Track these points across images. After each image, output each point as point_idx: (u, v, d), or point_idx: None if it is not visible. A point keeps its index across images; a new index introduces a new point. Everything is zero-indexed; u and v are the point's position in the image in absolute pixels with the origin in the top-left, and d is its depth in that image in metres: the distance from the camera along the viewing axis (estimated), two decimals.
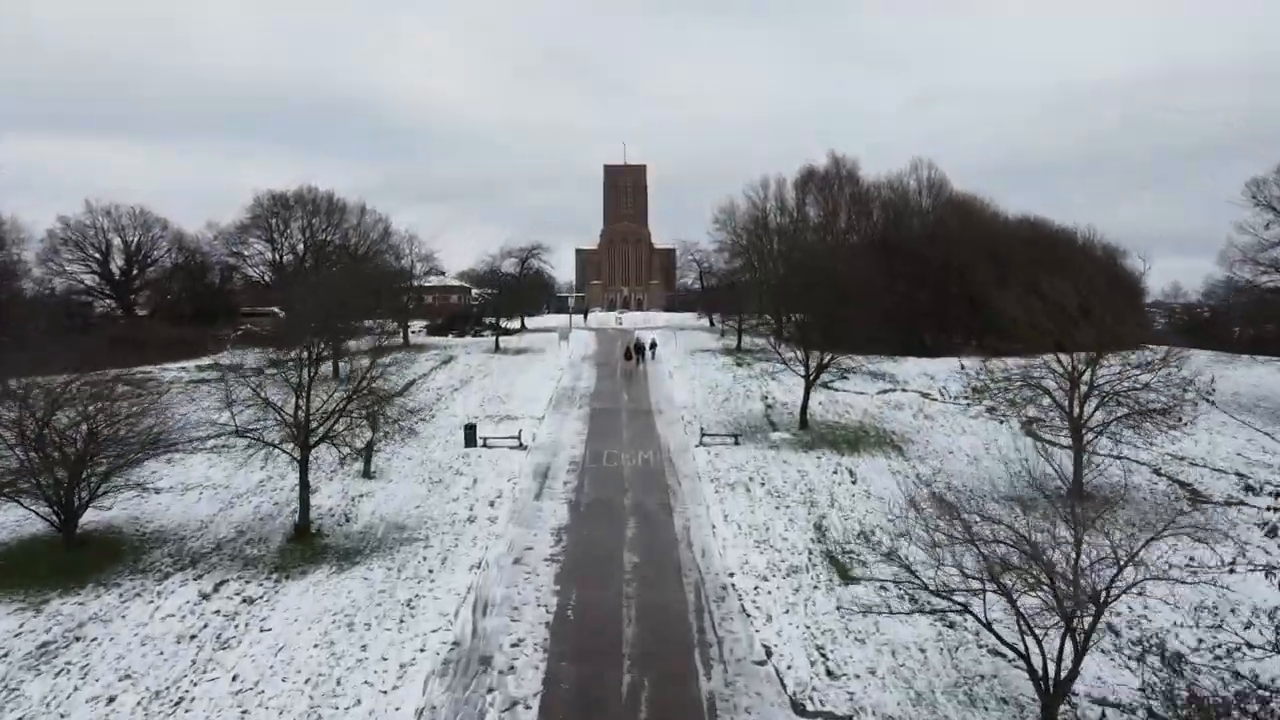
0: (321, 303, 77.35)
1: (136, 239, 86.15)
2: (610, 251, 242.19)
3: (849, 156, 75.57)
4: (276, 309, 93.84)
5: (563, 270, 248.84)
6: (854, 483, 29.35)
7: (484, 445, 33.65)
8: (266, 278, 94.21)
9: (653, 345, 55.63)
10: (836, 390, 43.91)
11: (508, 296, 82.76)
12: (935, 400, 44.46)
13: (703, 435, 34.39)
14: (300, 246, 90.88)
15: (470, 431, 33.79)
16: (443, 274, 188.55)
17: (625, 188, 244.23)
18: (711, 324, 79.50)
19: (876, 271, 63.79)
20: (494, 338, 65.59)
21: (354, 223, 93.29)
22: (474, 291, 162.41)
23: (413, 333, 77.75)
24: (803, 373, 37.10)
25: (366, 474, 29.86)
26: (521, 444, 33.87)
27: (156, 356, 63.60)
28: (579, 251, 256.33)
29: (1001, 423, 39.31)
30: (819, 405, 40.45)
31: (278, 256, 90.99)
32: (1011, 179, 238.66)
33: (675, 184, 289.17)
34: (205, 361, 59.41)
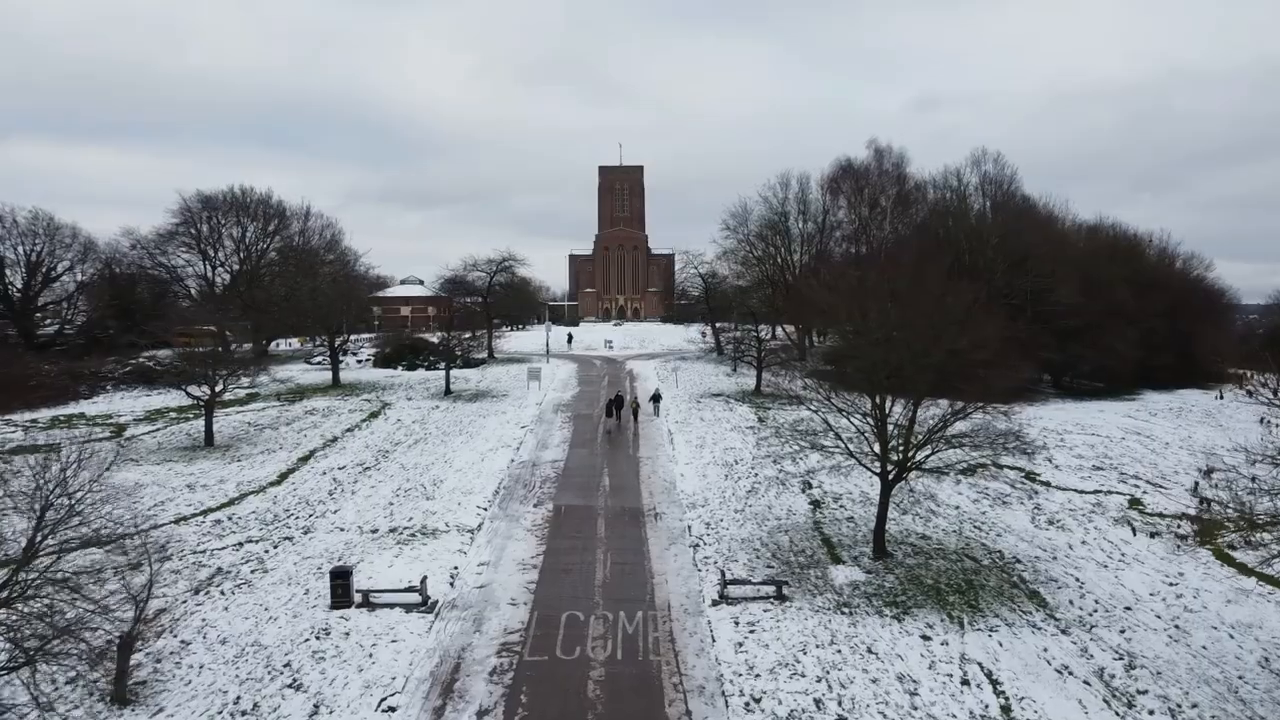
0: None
1: (39, 249, 72.83)
2: (605, 258, 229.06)
3: (894, 148, 62.21)
4: (214, 328, 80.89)
5: (556, 276, 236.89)
6: (1006, 713, 16.01)
7: (364, 604, 20.29)
8: (207, 288, 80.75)
9: (656, 398, 42.05)
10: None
11: (480, 314, 69.52)
12: (1047, 484, 31.21)
13: (725, 582, 21.02)
14: (234, 259, 77.52)
15: (341, 582, 20.40)
16: (421, 283, 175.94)
17: (621, 190, 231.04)
18: (720, 350, 66.22)
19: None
20: (455, 373, 52.02)
21: (297, 228, 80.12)
22: (456, 302, 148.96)
23: (358, 362, 64.41)
24: (877, 469, 23.71)
25: (118, 696, 16.41)
26: (426, 601, 20.51)
27: (20, 399, 50.27)
28: (572, 257, 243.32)
29: (1156, 535, 26.19)
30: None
31: (209, 268, 77.57)
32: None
33: (674, 187, 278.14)
34: (72, 410, 45.97)
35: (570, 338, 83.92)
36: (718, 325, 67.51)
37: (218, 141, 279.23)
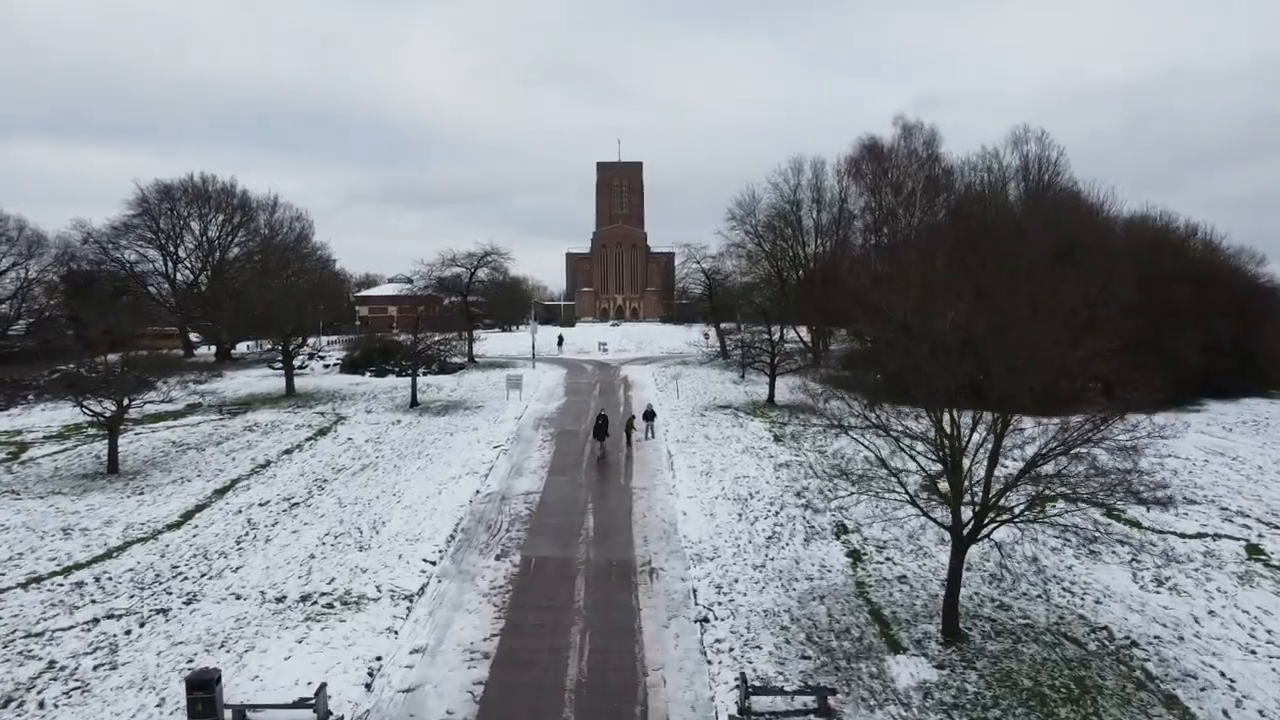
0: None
1: None
2: (602, 256, 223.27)
3: (925, 124, 55.94)
4: (176, 328, 74.95)
5: (554, 277, 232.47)
6: None
7: None
8: (168, 286, 74.63)
9: (649, 415, 35.53)
10: None
11: (461, 312, 63.42)
12: (1137, 525, 25.20)
13: (747, 689, 14.99)
14: (195, 255, 71.43)
15: (202, 695, 14.35)
16: (408, 280, 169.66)
17: (620, 187, 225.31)
18: (724, 354, 60.16)
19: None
20: (428, 380, 45.94)
21: (264, 220, 74.09)
22: (446, 301, 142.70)
23: (324, 367, 58.36)
24: (948, 521, 17.71)
25: None
26: None
27: None
28: (569, 255, 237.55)
29: None
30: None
31: (170, 264, 71.45)
32: None
33: (674, 187, 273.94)
34: None
35: (560, 340, 77.72)
36: (722, 326, 61.45)
37: (218, 142, 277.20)
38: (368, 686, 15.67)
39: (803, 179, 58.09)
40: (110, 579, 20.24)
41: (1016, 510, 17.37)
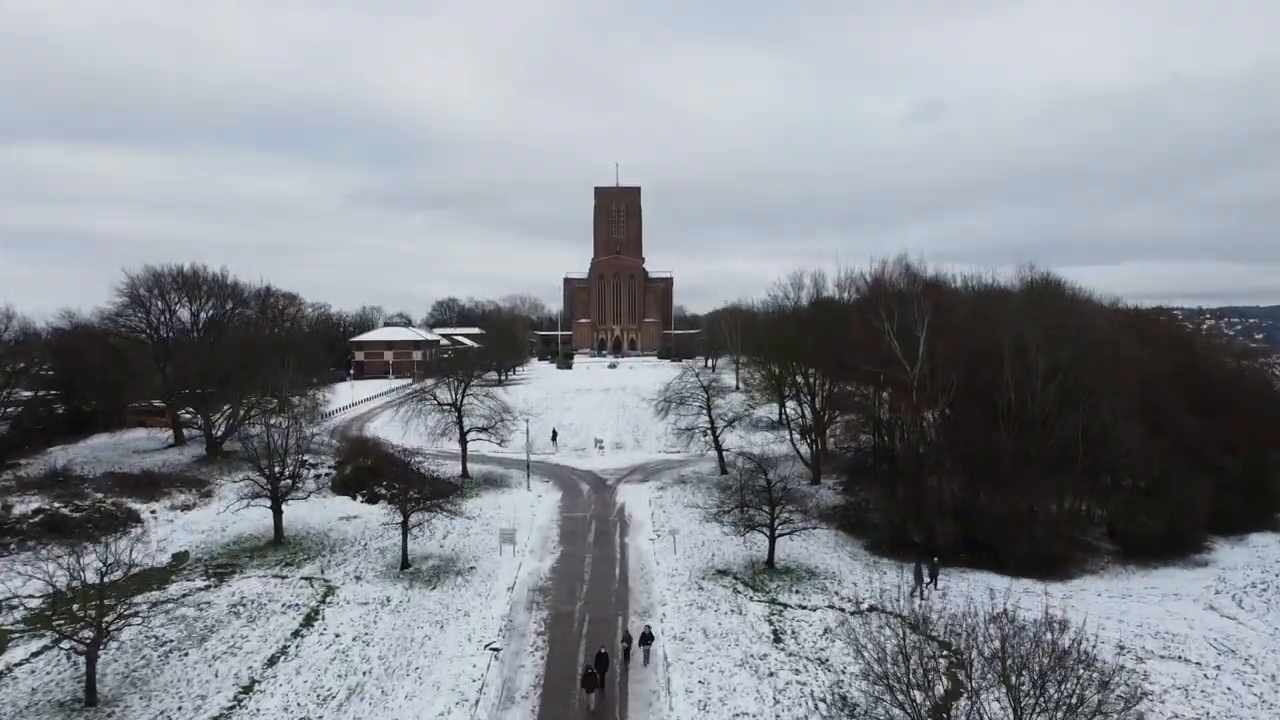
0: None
1: None
2: (600, 287, 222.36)
3: (929, 268, 55.66)
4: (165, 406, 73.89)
5: (552, 278, 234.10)
6: None
7: None
8: (158, 373, 73.37)
9: (646, 640, 33.02)
10: None
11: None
12: None
13: None
14: (185, 340, 70.34)
15: None
16: (407, 324, 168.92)
17: (618, 212, 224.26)
18: (723, 469, 59.98)
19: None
20: (418, 522, 44.59)
21: (255, 306, 73.04)
22: (441, 339, 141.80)
23: (315, 479, 57.19)
24: None
25: None
26: None
27: None
28: (567, 281, 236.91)
29: None
30: None
31: (159, 351, 70.27)
32: (1011, 185, 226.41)
33: (674, 189, 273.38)
34: None
35: (555, 435, 76.72)
36: (722, 445, 60.81)
37: (223, 144, 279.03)
38: None
39: (803, 294, 57.69)
40: None
41: None
